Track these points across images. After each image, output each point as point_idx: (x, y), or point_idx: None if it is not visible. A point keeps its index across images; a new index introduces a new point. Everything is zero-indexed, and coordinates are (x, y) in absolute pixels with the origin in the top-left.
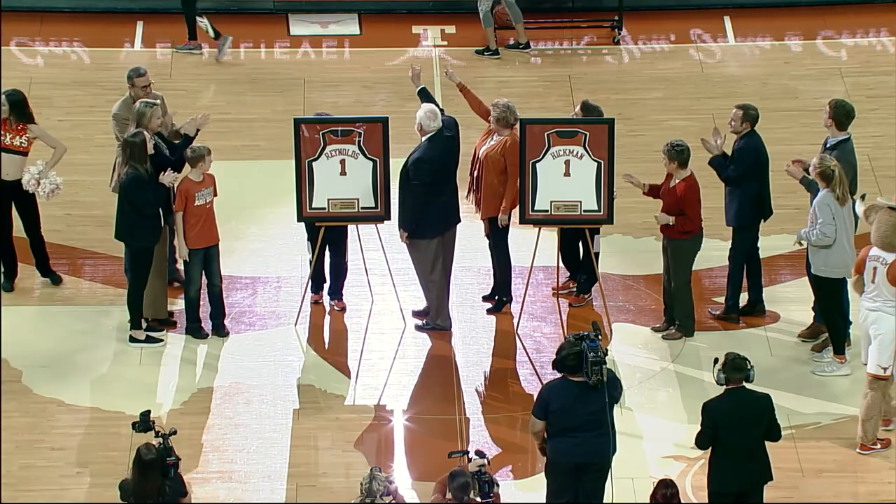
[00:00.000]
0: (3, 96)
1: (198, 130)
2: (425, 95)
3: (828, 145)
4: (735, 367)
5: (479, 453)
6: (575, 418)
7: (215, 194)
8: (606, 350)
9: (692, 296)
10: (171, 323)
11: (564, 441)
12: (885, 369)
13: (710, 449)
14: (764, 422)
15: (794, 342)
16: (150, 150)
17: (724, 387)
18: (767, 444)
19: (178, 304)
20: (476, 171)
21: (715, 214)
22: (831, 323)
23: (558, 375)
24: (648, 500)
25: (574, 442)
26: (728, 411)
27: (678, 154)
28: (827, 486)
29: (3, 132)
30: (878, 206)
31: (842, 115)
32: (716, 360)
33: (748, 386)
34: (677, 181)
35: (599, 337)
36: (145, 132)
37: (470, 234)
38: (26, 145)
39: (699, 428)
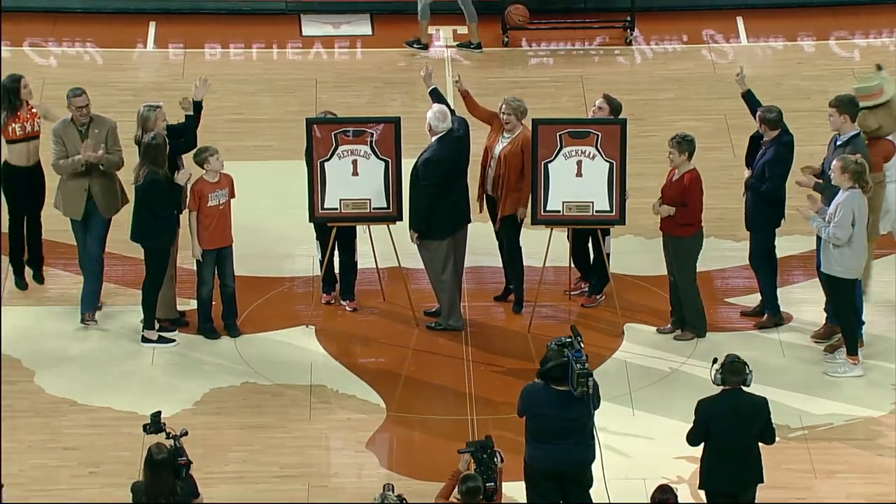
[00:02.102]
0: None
1: (201, 106)
2: (437, 95)
3: (838, 143)
4: (732, 371)
5: (487, 443)
6: (556, 425)
7: (232, 195)
8: (587, 356)
9: (700, 295)
10: (184, 323)
11: (542, 448)
12: None
13: (703, 447)
14: (757, 424)
15: (807, 343)
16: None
17: (721, 387)
18: (775, 446)
19: (190, 305)
20: (495, 171)
21: (727, 214)
22: (845, 323)
23: None
24: None
25: (554, 449)
26: (721, 411)
27: (689, 144)
28: (839, 488)
29: (15, 123)
30: None
31: (849, 106)
32: (714, 360)
33: (746, 389)
34: (683, 172)
35: (581, 342)
36: (163, 133)
37: (481, 234)
38: (38, 129)
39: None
